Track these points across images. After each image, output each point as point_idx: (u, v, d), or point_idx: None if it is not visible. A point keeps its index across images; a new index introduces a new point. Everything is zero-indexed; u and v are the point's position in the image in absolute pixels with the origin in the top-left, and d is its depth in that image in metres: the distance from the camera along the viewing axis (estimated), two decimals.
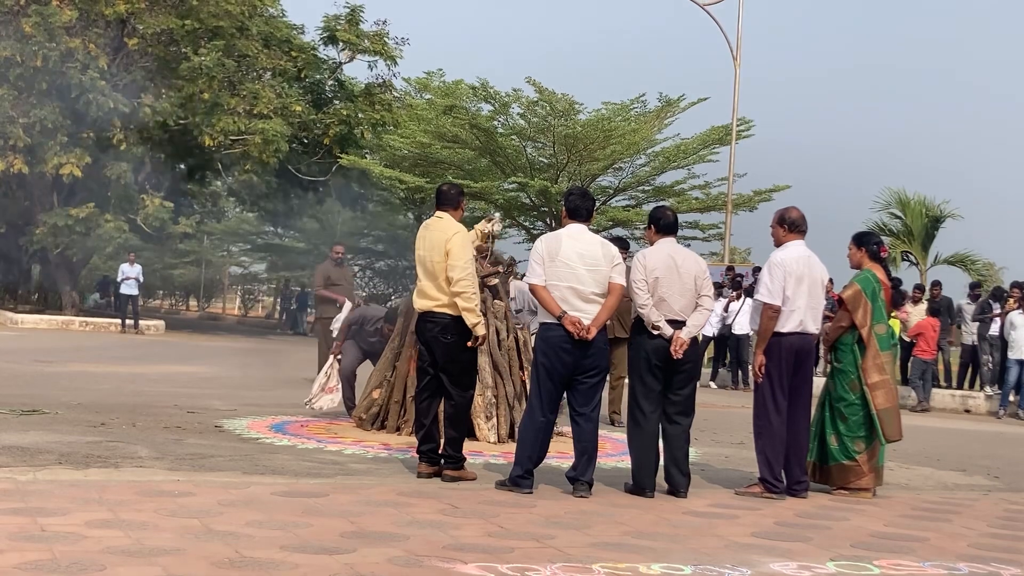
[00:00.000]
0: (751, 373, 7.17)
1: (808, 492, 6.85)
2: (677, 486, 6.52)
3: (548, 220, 26.41)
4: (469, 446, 7.25)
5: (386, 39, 29.85)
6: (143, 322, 25.84)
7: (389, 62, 30.16)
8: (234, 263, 57.78)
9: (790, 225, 6.91)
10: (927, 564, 5.01)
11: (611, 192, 27.35)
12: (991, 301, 17.31)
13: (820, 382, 7.27)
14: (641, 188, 27.60)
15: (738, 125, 24.98)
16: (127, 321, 25.01)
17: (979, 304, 17.49)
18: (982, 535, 5.92)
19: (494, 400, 8.47)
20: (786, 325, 6.72)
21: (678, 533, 5.34)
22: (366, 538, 4.67)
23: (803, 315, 6.75)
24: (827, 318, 7.39)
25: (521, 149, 26.08)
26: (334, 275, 12.57)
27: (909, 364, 16.91)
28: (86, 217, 25.19)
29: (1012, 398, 16.32)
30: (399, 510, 5.39)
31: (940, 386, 17.88)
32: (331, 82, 30.84)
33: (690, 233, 27.31)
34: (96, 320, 26.31)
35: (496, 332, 8.63)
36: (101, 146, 25.30)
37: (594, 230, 6.68)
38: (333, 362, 9.59)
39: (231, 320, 45.98)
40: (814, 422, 7.10)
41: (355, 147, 28.96)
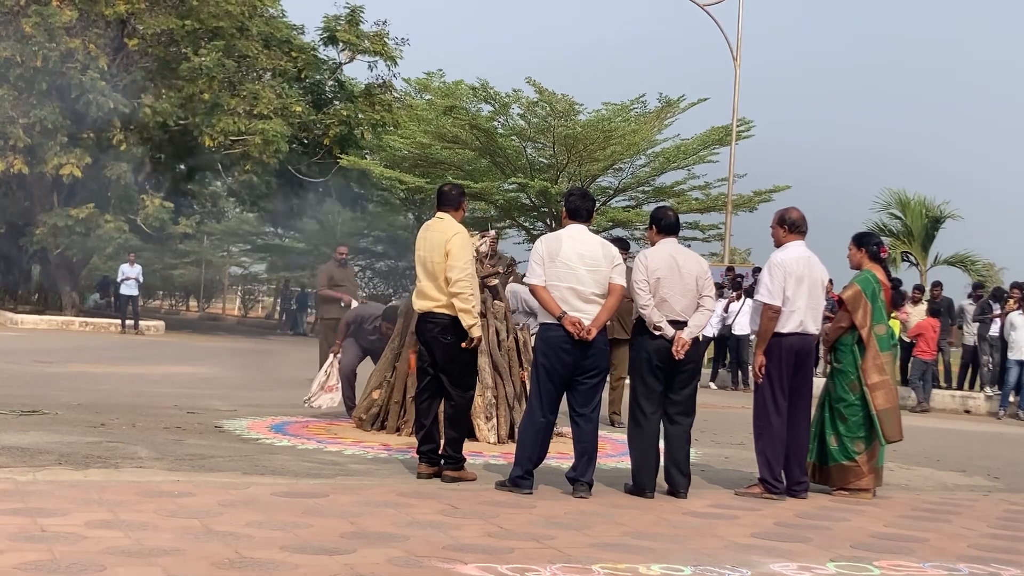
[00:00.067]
0: (751, 374, 7.17)
1: (808, 493, 6.85)
2: (677, 487, 6.52)
3: (548, 221, 26.41)
4: (469, 447, 7.25)
5: (386, 39, 29.87)
6: (143, 322, 25.84)
7: (389, 62, 30.19)
8: (234, 263, 57.78)
9: (790, 226, 6.91)
10: (927, 565, 5.01)
11: (611, 193, 27.37)
12: (991, 302, 17.31)
13: (820, 383, 7.27)
14: (641, 189, 27.62)
15: (738, 126, 24.99)
16: (127, 321, 25.01)
17: (979, 305, 17.50)
18: (982, 536, 5.92)
19: (494, 401, 8.46)
20: (786, 326, 6.72)
21: (678, 534, 5.34)
22: (366, 538, 4.68)
23: (803, 316, 6.75)
24: (827, 319, 7.39)
25: (521, 150, 26.08)
26: (337, 276, 12.62)
27: (909, 365, 16.91)
28: (86, 217, 25.19)
29: (1012, 399, 16.32)
30: (399, 511, 5.39)
31: (940, 387, 17.88)
32: (331, 82, 30.86)
33: (690, 234, 27.31)
34: (96, 320, 26.29)
35: (496, 333, 8.63)
36: (101, 146, 25.31)
37: (594, 231, 6.68)
38: (333, 360, 9.59)
39: (231, 320, 45.99)
40: (814, 423, 7.10)
41: (355, 148, 28.98)
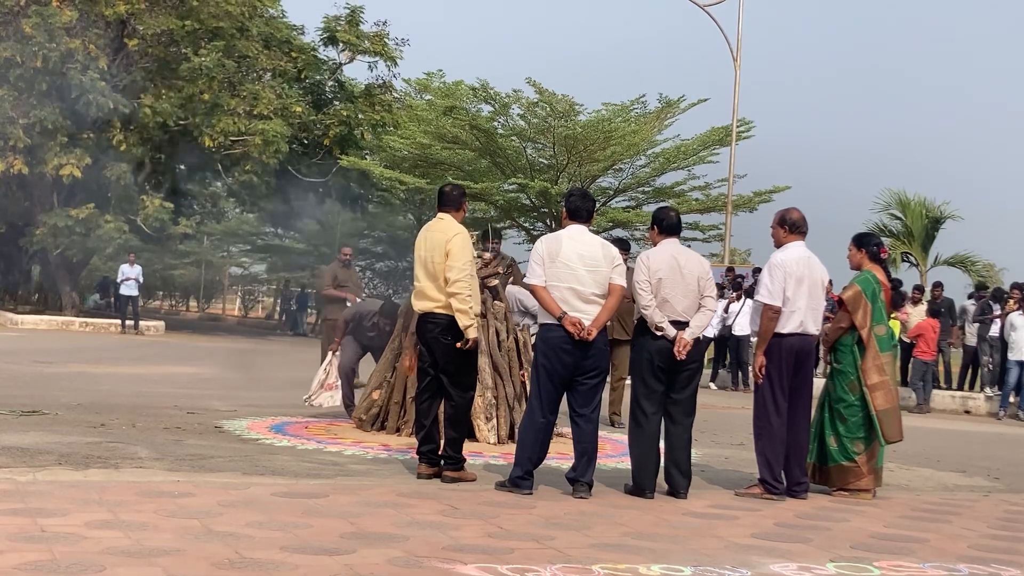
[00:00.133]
0: (751, 374, 7.16)
1: (808, 493, 6.85)
2: (677, 487, 6.52)
3: (548, 221, 26.42)
4: (469, 447, 7.24)
5: (386, 40, 29.88)
6: (143, 323, 25.83)
7: (389, 63, 30.20)
8: (234, 264, 57.76)
9: (791, 226, 6.91)
10: (927, 565, 5.01)
11: (611, 193, 27.37)
12: (991, 302, 17.32)
13: (820, 383, 7.27)
14: (641, 189, 27.63)
15: (738, 126, 24.99)
16: (127, 322, 25.01)
17: (979, 305, 17.51)
18: (982, 536, 5.92)
19: (494, 401, 8.46)
20: (786, 326, 6.72)
21: (678, 534, 5.34)
22: (366, 539, 4.67)
23: (803, 316, 6.75)
24: (827, 319, 7.39)
25: (521, 150, 26.09)
26: (341, 276, 12.70)
27: (910, 366, 16.91)
28: (86, 218, 25.19)
29: (1012, 399, 16.32)
30: (399, 511, 5.39)
31: (940, 387, 17.88)
32: (331, 83, 30.87)
33: (690, 234, 27.31)
34: (96, 321, 26.28)
35: (496, 333, 8.63)
36: (101, 147, 25.31)
37: (594, 231, 6.68)
38: (332, 358, 9.58)
39: (231, 321, 45.99)
40: (813, 423, 7.10)
41: (355, 148, 28.98)
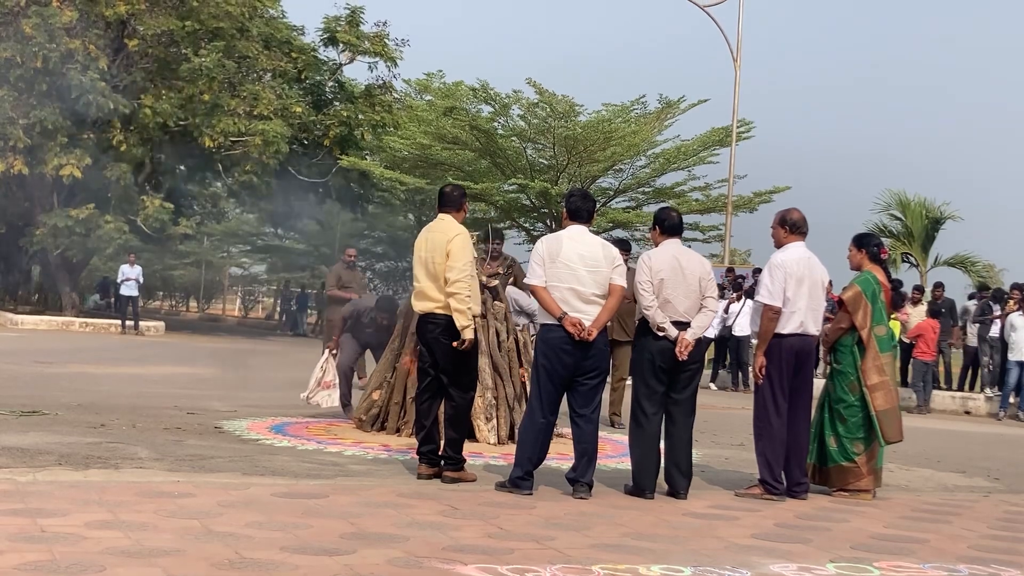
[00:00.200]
0: (751, 375, 7.16)
1: (808, 494, 6.85)
2: (677, 487, 6.51)
3: (548, 222, 26.42)
4: (469, 447, 7.24)
5: (386, 40, 29.87)
6: (143, 323, 25.82)
7: (389, 63, 30.18)
8: (234, 264, 57.76)
9: (791, 227, 6.91)
10: (927, 566, 5.01)
11: (611, 194, 27.37)
12: (991, 303, 17.33)
13: (820, 384, 7.27)
14: (641, 190, 27.63)
15: (738, 127, 24.99)
16: (127, 322, 25.00)
17: (979, 306, 17.51)
18: (982, 537, 5.92)
19: (494, 402, 8.46)
20: (786, 327, 6.72)
21: (678, 535, 5.34)
22: (366, 539, 4.67)
23: (803, 317, 6.75)
24: (827, 320, 7.39)
25: (521, 151, 26.09)
26: (345, 277, 12.77)
27: (910, 366, 16.91)
28: (86, 218, 25.18)
29: (1012, 400, 16.33)
30: (399, 511, 5.39)
31: (940, 388, 17.88)
32: (331, 83, 30.85)
33: (690, 235, 27.28)
34: (96, 321, 26.27)
35: (496, 334, 8.63)
36: (101, 147, 25.30)
37: (594, 232, 6.68)
38: (328, 356, 9.58)
39: (231, 321, 45.99)
40: (813, 423, 7.10)
41: (355, 148, 28.97)
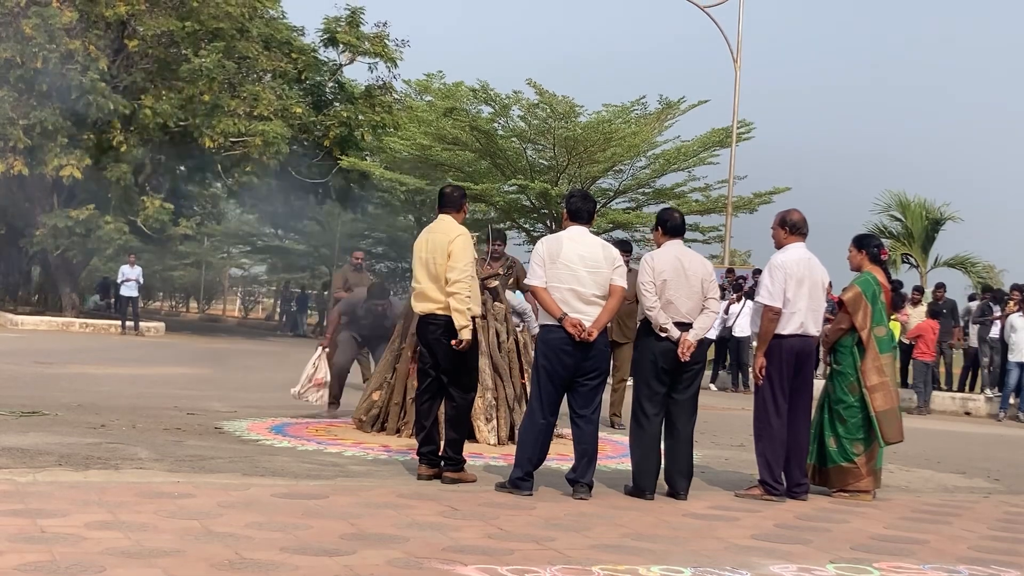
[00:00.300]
0: (751, 375, 7.16)
1: (808, 494, 6.85)
2: (677, 488, 6.51)
3: (548, 222, 26.42)
4: (469, 448, 7.24)
5: (386, 41, 29.89)
6: (143, 324, 25.82)
7: (389, 64, 30.20)
8: (234, 265, 57.77)
9: (791, 227, 6.91)
10: (927, 567, 5.01)
11: (611, 194, 27.37)
12: (991, 303, 17.33)
13: (820, 384, 7.27)
14: (641, 190, 27.62)
15: (738, 127, 24.99)
16: (127, 323, 25.00)
17: (979, 306, 17.52)
18: (982, 537, 5.92)
19: (494, 402, 8.46)
20: (787, 327, 6.72)
21: (678, 535, 5.34)
22: (366, 540, 4.67)
23: (804, 317, 6.75)
24: (827, 320, 7.39)
25: (521, 151, 26.09)
26: (352, 279, 12.84)
27: (911, 367, 16.91)
28: (86, 219, 25.18)
29: (1012, 401, 16.33)
30: (399, 512, 5.39)
31: (940, 388, 17.88)
32: (331, 84, 30.86)
33: (690, 236, 27.24)
34: (96, 322, 26.27)
35: (496, 334, 8.63)
36: (101, 148, 25.30)
37: (595, 232, 6.68)
38: (321, 353, 9.58)
39: (231, 322, 46.02)
40: (813, 424, 7.10)
41: (355, 149, 28.99)
